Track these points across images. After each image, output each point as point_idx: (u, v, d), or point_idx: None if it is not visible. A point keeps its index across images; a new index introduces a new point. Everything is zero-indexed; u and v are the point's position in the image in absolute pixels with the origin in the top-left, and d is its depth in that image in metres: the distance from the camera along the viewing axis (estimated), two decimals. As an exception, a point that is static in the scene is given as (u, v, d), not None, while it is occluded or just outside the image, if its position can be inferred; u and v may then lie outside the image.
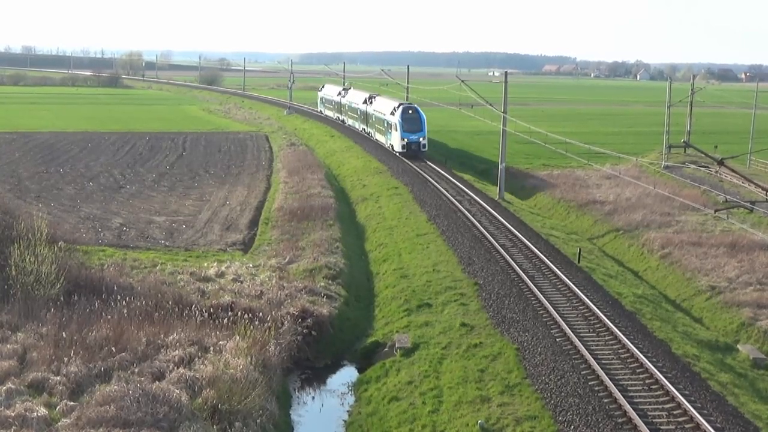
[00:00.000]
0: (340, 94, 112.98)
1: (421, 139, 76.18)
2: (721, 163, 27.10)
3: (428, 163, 75.92)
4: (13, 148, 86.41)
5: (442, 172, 70.33)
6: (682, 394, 24.92)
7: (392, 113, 79.11)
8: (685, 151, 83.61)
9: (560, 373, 26.87)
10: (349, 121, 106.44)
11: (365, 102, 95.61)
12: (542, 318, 32.23)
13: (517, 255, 41.67)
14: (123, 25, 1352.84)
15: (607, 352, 28.77)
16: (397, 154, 77.37)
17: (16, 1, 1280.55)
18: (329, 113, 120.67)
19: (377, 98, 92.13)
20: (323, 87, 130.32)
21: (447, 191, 60.44)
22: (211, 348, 27.82)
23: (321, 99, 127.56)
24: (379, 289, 40.19)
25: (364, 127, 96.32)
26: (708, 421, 23.26)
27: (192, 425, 22.32)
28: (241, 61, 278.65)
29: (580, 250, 43.38)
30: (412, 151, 75.84)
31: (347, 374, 31.85)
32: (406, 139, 76.09)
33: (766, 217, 50.91)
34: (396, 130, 77.35)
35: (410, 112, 76.97)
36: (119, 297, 31.88)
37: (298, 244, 45.13)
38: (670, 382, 25.68)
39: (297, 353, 31.30)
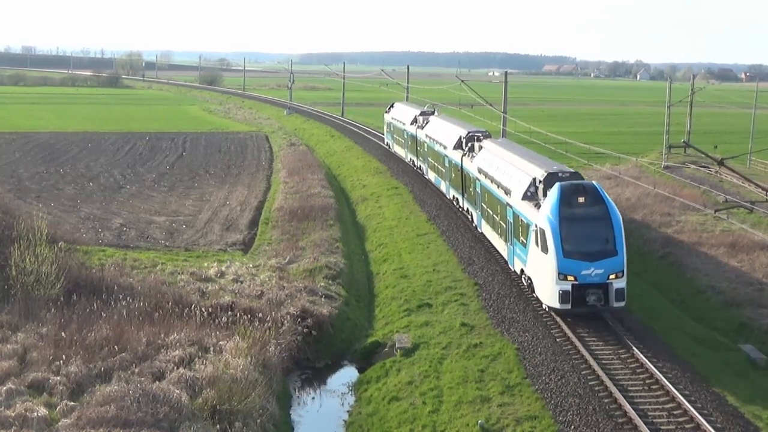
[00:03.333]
0: (415, 121, 67.49)
1: (612, 277, 31.39)
2: (721, 163, 27.11)
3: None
4: (13, 148, 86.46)
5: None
6: (682, 394, 24.92)
7: (531, 194, 34.64)
8: (685, 151, 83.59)
9: (560, 373, 26.87)
10: (431, 174, 60.44)
11: (460, 146, 50.03)
12: (542, 318, 32.22)
13: (518, 255, 41.46)
14: (123, 25, 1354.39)
15: (607, 352, 28.75)
16: (546, 307, 32.82)
17: (16, 1, 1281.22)
18: (399, 150, 75.90)
19: (488, 144, 45.59)
20: (392, 106, 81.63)
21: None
22: (211, 348, 27.83)
23: (388, 125, 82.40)
24: (379, 289, 40.19)
25: (458, 195, 50.45)
26: (708, 422, 23.25)
27: (192, 425, 22.33)
28: (241, 61, 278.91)
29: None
30: (587, 305, 31.24)
31: (347, 374, 31.85)
32: (573, 277, 31.19)
33: (766, 217, 50.91)
34: (544, 246, 31.88)
35: (581, 198, 32.12)
36: (119, 297, 31.92)
37: (298, 244, 45.14)
38: (670, 382, 25.68)
39: (297, 353, 31.32)
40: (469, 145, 48.60)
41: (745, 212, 50.93)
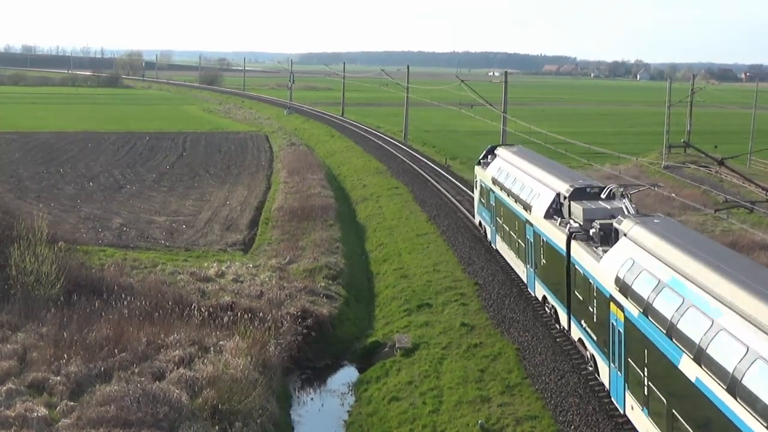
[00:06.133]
0: (560, 213, 29.99)
1: None
2: (721, 163, 27.02)
3: (428, 162, 75.90)
4: (13, 148, 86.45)
5: (442, 171, 70.32)
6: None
7: None
8: (685, 151, 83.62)
9: (560, 373, 26.87)
10: (638, 416, 21.29)
11: None
12: (542, 318, 32.21)
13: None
14: (123, 25, 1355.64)
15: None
16: None
17: (16, 1, 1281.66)
18: (509, 256, 37.60)
19: None
20: (492, 153, 43.35)
21: (447, 191, 60.41)
22: (212, 348, 27.81)
23: (484, 192, 42.59)
24: (380, 289, 40.19)
25: None
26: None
27: (192, 425, 22.31)
28: (241, 61, 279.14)
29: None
30: None
31: (347, 374, 31.84)
32: None
33: (766, 217, 50.91)
34: None
35: None
36: (119, 297, 31.89)
37: (299, 244, 45.12)
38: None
39: (297, 353, 31.29)
40: None
41: (745, 212, 50.93)
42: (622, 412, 22.96)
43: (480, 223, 45.16)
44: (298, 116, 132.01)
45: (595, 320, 24.65)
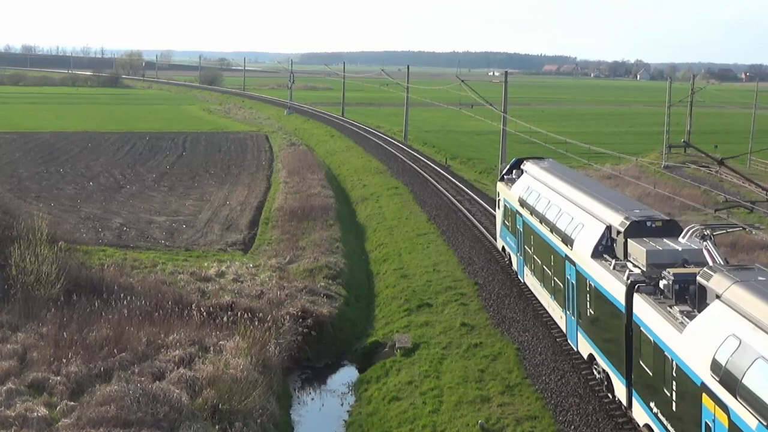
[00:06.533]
0: (610, 251, 24.78)
1: None
2: (721, 163, 26.99)
3: (428, 162, 75.94)
4: (13, 148, 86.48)
5: (442, 171, 70.36)
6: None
7: None
8: (685, 151, 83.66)
9: (560, 373, 26.86)
10: None
11: None
12: (542, 317, 32.21)
13: (517, 255, 41.06)
14: (123, 25, 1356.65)
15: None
16: None
17: (16, 1, 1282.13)
18: (540, 294, 31.80)
19: None
20: (520, 168, 37.48)
21: (447, 191, 60.45)
22: (212, 348, 27.80)
23: (508, 214, 36.83)
24: (380, 289, 40.18)
25: None
26: None
27: (192, 425, 22.29)
28: (241, 61, 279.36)
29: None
30: None
31: (347, 374, 31.84)
32: None
33: (766, 217, 50.91)
34: None
35: None
36: (119, 297, 31.87)
37: (299, 244, 45.12)
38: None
39: (297, 353, 31.28)
40: None
41: (745, 212, 50.93)
42: None
43: (503, 248, 38.86)
44: (298, 116, 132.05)
45: (674, 408, 18.61)
